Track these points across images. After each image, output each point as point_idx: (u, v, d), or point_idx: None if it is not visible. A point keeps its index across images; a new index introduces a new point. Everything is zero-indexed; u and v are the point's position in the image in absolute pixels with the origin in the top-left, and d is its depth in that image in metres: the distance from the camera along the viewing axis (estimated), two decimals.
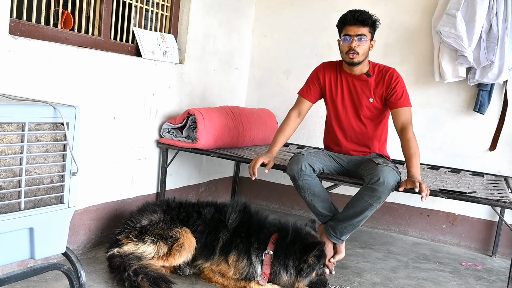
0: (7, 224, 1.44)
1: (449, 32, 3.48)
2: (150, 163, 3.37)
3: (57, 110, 1.50)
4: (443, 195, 2.74)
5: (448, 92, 3.83)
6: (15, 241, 1.49)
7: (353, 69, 2.97)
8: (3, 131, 1.39)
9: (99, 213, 2.99)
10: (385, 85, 2.94)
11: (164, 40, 3.43)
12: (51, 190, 1.56)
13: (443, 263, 3.37)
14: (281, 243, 2.52)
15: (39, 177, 1.51)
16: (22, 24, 2.47)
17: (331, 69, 3.09)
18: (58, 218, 1.59)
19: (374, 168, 2.73)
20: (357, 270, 3.04)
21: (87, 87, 2.76)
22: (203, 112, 3.35)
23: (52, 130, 1.52)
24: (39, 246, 1.55)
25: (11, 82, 2.33)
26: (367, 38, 2.87)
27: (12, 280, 1.49)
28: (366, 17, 2.86)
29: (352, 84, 3.02)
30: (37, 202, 1.52)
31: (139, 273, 2.37)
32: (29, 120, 1.44)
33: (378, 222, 4.05)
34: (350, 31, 2.87)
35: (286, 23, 4.35)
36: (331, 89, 3.07)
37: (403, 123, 2.90)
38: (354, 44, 2.85)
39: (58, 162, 1.55)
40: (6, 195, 1.44)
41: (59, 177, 1.57)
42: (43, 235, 1.55)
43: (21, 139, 1.44)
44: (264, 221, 2.66)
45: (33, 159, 1.48)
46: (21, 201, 1.47)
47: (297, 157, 2.87)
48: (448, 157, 3.85)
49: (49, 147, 1.52)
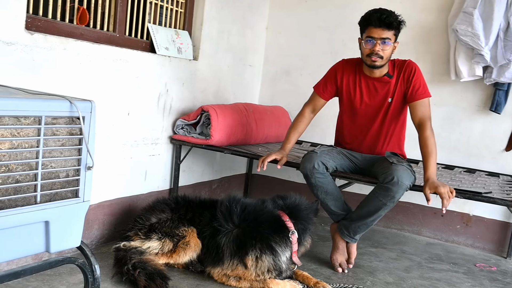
0: (23, 217, 1.45)
1: (466, 30, 3.44)
2: (163, 159, 3.38)
3: (73, 104, 1.51)
4: (458, 195, 2.71)
5: (464, 91, 3.79)
6: (31, 234, 1.50)
7: (373, 71, 2.90)
8: (20, 124, 1.39)
9: (113, 208, 3.00)
10: (404, 80, 2.88)
11: (178, 37, 3.43)
12: (66, 184, 1.56)
13: (457, 264, 3.34)
14: (295, 216, 2.64)
15: (55, 170, 1.51)
16: (38, 20, 2.49)
17: (350, 69, 3.00)
18: (73, 212, 1.59)
19: (389, 167, 2.70)
20: (370, 270, 3.02)
21: (101, 83, 2.77)
22: (216, 108, 3.35)
23: (68, 124, 1.52)
24: (54, 240, 1.56)
25: (28, 77, 2.35)
26: (391, 42, 2.77)
27: (27, 273, 1.50)
28: (392, 20, 2.73)
29: (372, 86, 2.95)
30: (53, 195, 1.53)
31: (137, 267, 2.38)
32: (46, 114, 1.45)
33: (391, 222, 4.02)
34: (374, 34, 2.76)
35: (300, 20, 4.33)
36: (349, 90, 3.00)
37: (421, 118, 2.83)
38: (377, 48, 2.76)
39: (73, 156, 1.56)
40: (23, 188, 1.44)
41: (74, 171, 1.57)
42: (58, 228, 1.56)
43: (38, 133, 1.44)
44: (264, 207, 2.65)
45: (49, 153, 1.49)
46: (37, 194, 1.47)
47: (310, 155, 2.85)
48: (463, 156, 3.81)
49: (65, 141, 1.52)
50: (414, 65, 2.90)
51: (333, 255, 2.95)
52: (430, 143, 2.75)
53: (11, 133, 1.38)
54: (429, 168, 2.70)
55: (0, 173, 1.38)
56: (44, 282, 2.35)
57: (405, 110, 3.00)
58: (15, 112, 1.38)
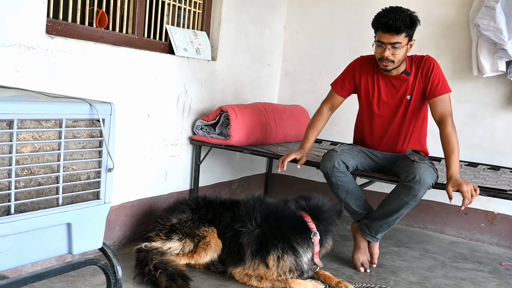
0: (46, 219, 1.46)
1: (488, 25, 3.37)
2: (183, 160, 3.39)
3: (93, 106, 1.51)
4: (483, 192, 2.66)
5: (487, 87, 3.72)
6: (54, 236, 1.51)
7: (389, 71, 2.85)
8: (41, 127, 1.41)
9: (134, 209, 3.03)
10: (423, 76, 2.82)
11: (196, 37, 3.44)
12: (87, 186, 1.57)
13: (481, 263, 3.28)
14: (317, 217, 2.61)
15: (76, 173, 1.52)
16: (59, 24, 2.52)
17: (368, 66, 2.96)
18: (95, 214, 1.60)
19: (410, 165, 2.66)
20: (392, 269, 2.99)
21: (121, 85, 2.80)
22: (235, 108, 3.35)
23: (89, 127, 1.53)
24: (76, 242, 1.57)
25: (49, 81, 2.38)
26: (402, 45, 2.69)
27: (50, 274, 1.51)
28: (400, 25, 2.61)
29: (390, 84, 2.90)
30: (74, 198, 1.54)
31: (159, 268, 2.40)
32: (66, 117, 1.46)
33: (414, 220, 3.97)
34: (383, 39, 2.69)
35: (318, 19, 4.30)
36: (367, 88, 2.96)
37: (441, 114, 2.77)
38: (387, 53, 2.69)
39: (94, 158, 1.57)
40: (45, 191, 1.46)
41: (95, 173, 1.58)
42: (80, 230, 1.57)
43: (59, 136, 1.46)
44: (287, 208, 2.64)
45: (70, 155, 1.50)
46: (59, 196, 1.49)
47: (330, 154, 2.83)
48: (486, 153, 3.74)
49: (85, 143, 1.53)
50: (432, 61, 2.83)
51: (355, 255, 2.92)
52: (452, 140, 2.70)
53: (33, 136, 1.39)
54: (452, 166, 2.65)
55: (23, 176, 1.39)
56: (68, 283, 2.38)
57: (425, 106, 2.94)
58: (36, 116, 1.39)
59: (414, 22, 2.71)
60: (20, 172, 1.38)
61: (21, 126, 1.36)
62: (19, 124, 1.35)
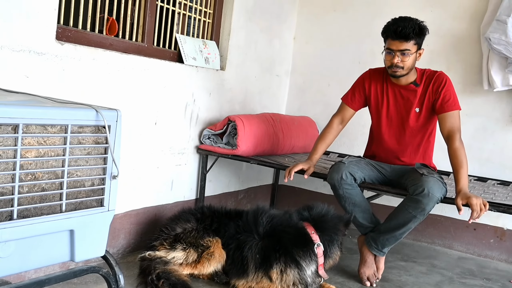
0: (49, 225, 1.45)
1: (499, 39, 3.35)
2: (189, 169, 3.38)
3: (99, 113, 1.51)
4: (492, 208, 2.61)
5: (498, 101, 3.68)
6: (56, 242, 1.50)
7: (399, 79, 2.86)
8: (47, 133, 1.40)
9: (139, 217, 3.01)
10: (433, 90, 2.82)
11: (206, 47, 3.45)
12: (92, 193, 1.56)
13: (490, 280, 3.22)
14: (321, 228, 2.55)
15: (80, 179, 1.51)
16: (69, 30, 2.52)
17: (377, 77, 2.98)
18: (98, 221, 1.59)
19: (419, 178, 2.63)
20: (399, 284, 2.94)
21: (130, 92, 2.80)
22: (243, 118, 3.34)
23: (94, 133, 1.53)
24: (79, 249, 1.56)
25: (57, 87, 2.38)
26: (411, 52, 2.71)
27: (52, 281, 1.50)
28: (409, 32, 2.65)
29: (399, 94, 2.91)
30: (78, 204, 1.53)
31: (161, 277, 2.37)
32: (72, 122, 1.45)
33: (421, 235, 3.92)
34: (392, 46, 2.72)
35: (328, 30, 4.30)
36: (376, 98, 2.97)
37: (450, 129, 2.76)
38: (396, 60, 2.72)
39: (99, 165, 1.56)
40: (48, 196, 1.45)
41: (100, 180, 1.57)
42: (83, 237, 1.56)
43: (64, 141, 1.45)
44: (289, 219, 2.60)
45: (75, 162, 1.49)
46: (62, 203, 1.48)
47: (338, 166, 2.81)
48: (496, 169, 3.69)
49: (90, 149, 1.53)
50: (445, 77, 2.84)
51: (361, 269, 2.88)
52: (460, 155, 2.67)
53: (38, 141, 1.39)
54: (461, 180, 2.62)
55: (27, 181, 1.38)
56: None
57: (433, 121, 2.93)
58: (41, 121, 1.39)
59: (423, 30, 2.73)
60: (24, 177, 1.37)
61: (26, 130, 1.36)
62: (24, 128, 1.35)
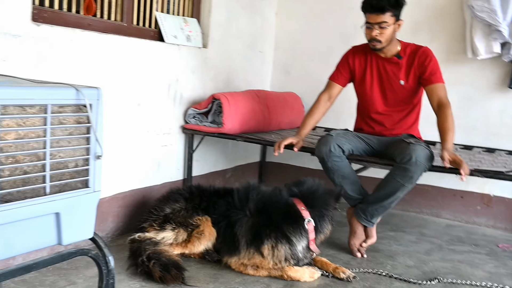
0: (33, 209, 1.42)
1: (482, 6, 3.34)
2: (176, 149, 3.35)
3: (80, 91, 1.46)
4: (480, 174, 2.63)
5: (482, 69, 3.68)
6: (42, 226, 1.47)
7: (381, 53, 2.89)
8: (26, 114, 1.36)
9: (127, 200, 2.98)
10: (419, 64, 2.84)
11: (187, 24, 3.38)
12: (76, 174, 1.53)
13: (478, 245, 3.26)
14: (311, 204, 2.53)
15: (63, 160, 1.47)
16: (45, 11, 2.45)
17: (360, 53, 3.01)
18: (84, 203, 1.56)
19: (406, 147, 2.64)
20: (389, 253, 2.97)
21: (111, 74, 2.74)
22: (228, 96, 3.30)
23: (75, 113, 1.48)
24: (66, 232, 1.53)
25: (35, 69, 2.32)
26: (389, 24, 2.75)
27: (40, 266, 1.47)
28: (384, 4, 2.71)
29: (382, 67, 2.93)
30: (63, 186, 1.49)
31: (152, 258, 2.35)
32: (52, 102, 1.41)
33: (410, 205, 3.94)
34: (370, 19, 2.78)
35: (310, 5, 4.25)
36: (361, 72, 3.00)
37: (440, 99, 2.78)
38: (374, 33, 2.77)
39: (82, 145, 1.52)
40: (31, 179, 1.41)
41: (83, 160, 1.54)
42: (70, 220, 1.53)
43: (44, 122, 1.41)
44: (279, 196, 2.58)
45: (57, 143, 1.45)
46: (46, 185, 1.44)
47: (326, 138, 2.80)
48: (482, 136, 3.71)
49: (72, 130, 1.48)
50: (430, 52, 2.88)
51: (351, 240, 2.90)
52: (450, 120, 2.70)
53: (17, 123, 1.34)
54: (448, 141, 2.64)
55: (8, 164, 1.34)
56: (61, 276, 2.34)
57: (419, 93, 2.97)
58: (20, 101, 1.34)
59: (399, 1, 2.77)
60: (4, 161, 1.33)
61: (4, 112, 1.31)
62: (2, 110, 1.30)
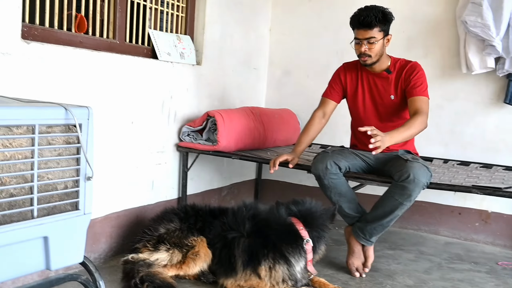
0: (20, 233, 1.36)
1: (475, 21, 3.33)
2: (170, 167, 3.29)
3: (69, 111, 1.42)
4: (478, 191, 2.60)
5: (476, 84, 3.67)
6: (29, 251, 1.41)
7: (372, 67, 2.89)
8: (12, 134, 1.31)
9: (120, 220, 2.92)
10: (405, 78, 2.84)
11: (180, 42, 3.36)
12: (65, 196, 1.47)
13: (478, 263, 3.21)
14: (309, 224, 2.49)
15: (52, 182, 1.43)
16: (35, 29, 2.42)
17: (352, 69, 3.02)
18: (74, 226, 1.51)
19: (403, 164, 2.60)
20: (388, 273, 2.91)
21: (103, 92, 2.70)
22: (223, 113, 3.26)
23: (64, 133, 1.44)
24: (54, 256, 1.47)
25: (25, 88, 2.27)
26: (377, 39, 2.75)
27: None
28: (371, 20, 2.71)
29: (373, 82, 2.94)
30: (51, 209, 1.44)
31: (145, 281, 2.30)
32: (40, 122, 1.36)
33: (407, 222, 3.90)
34: (359, 35, 2.79)
35: (304, 21, 4.24)
36: (352, 88, 3.01)
37: (417, 109, 2.70)
38: (363, 48, 2.78)
39: (71, 166, 1.47)
40: (18, 202, 1.36)
41: (73, 182, 1.49)
42: (59, 244, 1.47)
43: (32, 143, 1.36)
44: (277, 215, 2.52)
45: (45, 164, 1.40)
46: (33, 208, 1.39)
47: (322, 156, 2.76)
48: (478, 152, 3.68)
49: (61, 150, 1.44)
50: (418, 66, 2.86)
51: (349, 259, 2.84)
52: (413, 123, 2.62)
53: (3, 143, 1.30)
54: (393, 132, 2.57)
55: None
56: None
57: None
58: (6, 122, 1.30)
59: (386, 16, 2.78)
60: None
61: None
62: None
